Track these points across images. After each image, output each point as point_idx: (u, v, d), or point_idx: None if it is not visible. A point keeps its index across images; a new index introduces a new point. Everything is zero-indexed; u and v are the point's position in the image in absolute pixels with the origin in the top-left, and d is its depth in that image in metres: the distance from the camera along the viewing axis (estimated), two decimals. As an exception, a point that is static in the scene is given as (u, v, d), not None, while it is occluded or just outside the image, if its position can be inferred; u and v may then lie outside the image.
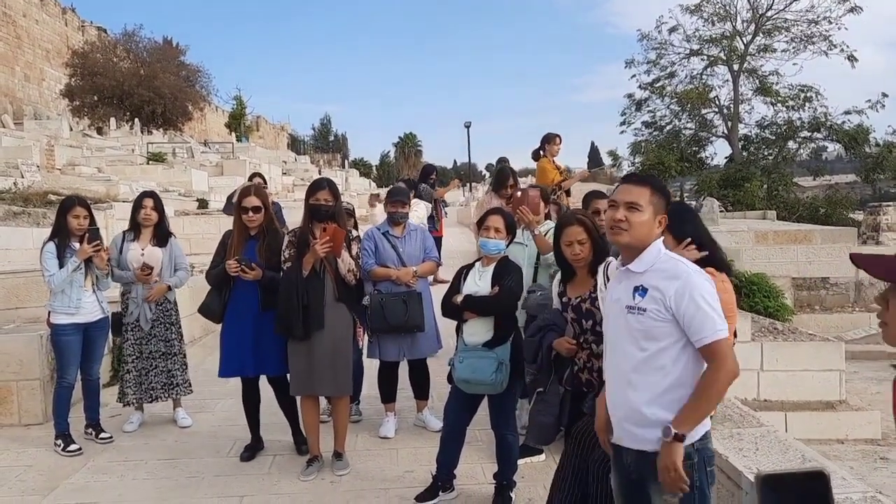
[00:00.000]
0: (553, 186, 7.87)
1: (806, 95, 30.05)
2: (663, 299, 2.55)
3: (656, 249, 2.66)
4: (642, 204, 2.65)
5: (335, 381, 4.87)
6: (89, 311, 5.60)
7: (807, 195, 30.00)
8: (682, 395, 2.56)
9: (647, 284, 2.60)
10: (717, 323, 2.51)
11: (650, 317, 2.57)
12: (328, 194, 4.88)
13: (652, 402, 2.58)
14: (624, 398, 2.68)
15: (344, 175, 43.28)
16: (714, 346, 2.50)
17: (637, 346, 2.62)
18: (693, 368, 2.58)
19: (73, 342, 5.55)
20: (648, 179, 2.78)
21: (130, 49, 42.11)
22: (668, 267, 2.61)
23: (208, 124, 59.30)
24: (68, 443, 5.48)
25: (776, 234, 14.04)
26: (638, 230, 2.64)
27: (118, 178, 19.14)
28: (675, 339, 2.57)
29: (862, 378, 9.15)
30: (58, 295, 5.49)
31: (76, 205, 5.59)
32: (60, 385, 5.59)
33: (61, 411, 5.57)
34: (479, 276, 4.43)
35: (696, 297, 2.51)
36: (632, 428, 2.66)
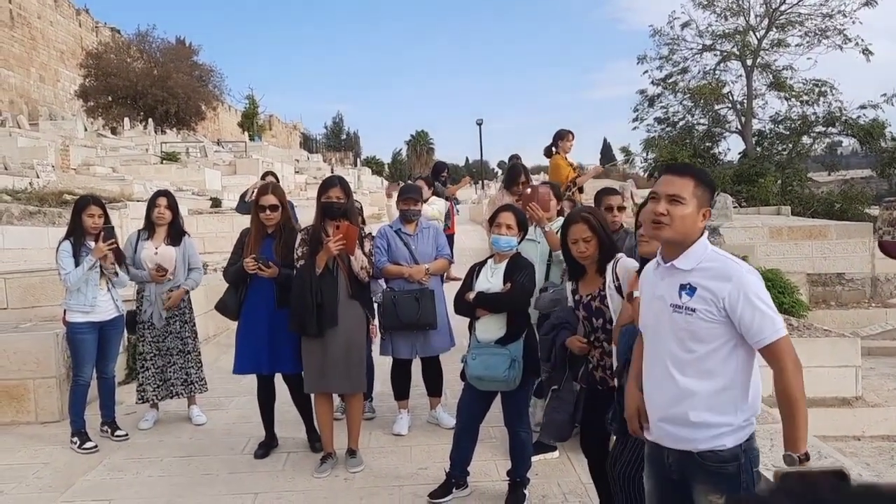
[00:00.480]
0: (568, 183, 7.85)
1: (820, 90, 29.82)
2: (715, 301, 2.44)
3: (702, 245, 2.54)
4: (685, 196, 2.51)
5: (349, 379, 4.89)
6: (104, 309, 5.63)
7: (822, 190, 29.77)
8: (732, 396, 2.48)
9: (695, 283, 2.48)
10: (775, 322, 2.42)
11: (700, 317, 2.46)
12: (340, 192, 4.89)
13: (699, 407, 2.49)
14: (666, 400, 2.58)
15: (356, 173, 43.37)
16: (775, 346, 2.41)
17: (683, 346, 2.51)
18: (743, 369, 2.49)
19: (89, 340, 5.59)
20: (692, 170, 2.64)
21: (144, 49, 42.38)
22: (717, 265, 2.48)
23: (221, 124, 59.60)
24: (84, 440, 5.53)
25: (791, 230, 13.94)
26: (680, 224, 2.51)
27: (132, 178, 19.27)
28: (725, 341, 2.47)
29: (879, 374, 9.08)
30: (73, 293, 5.53)
31: (90, 204, 5.63)
32: (76, 383, 5.63)
33: (77, 409, 5.61)
34: (491, 273, 4.43)
35: (751, 298, 2.41)
36: (675, 429, 2.56)
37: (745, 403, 2.51)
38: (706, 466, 2.50)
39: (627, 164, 35.15)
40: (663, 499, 2.69)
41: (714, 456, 2.49)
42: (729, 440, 2.49)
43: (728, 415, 2.49)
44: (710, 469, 2.50)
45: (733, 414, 2.49)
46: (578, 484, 4.63)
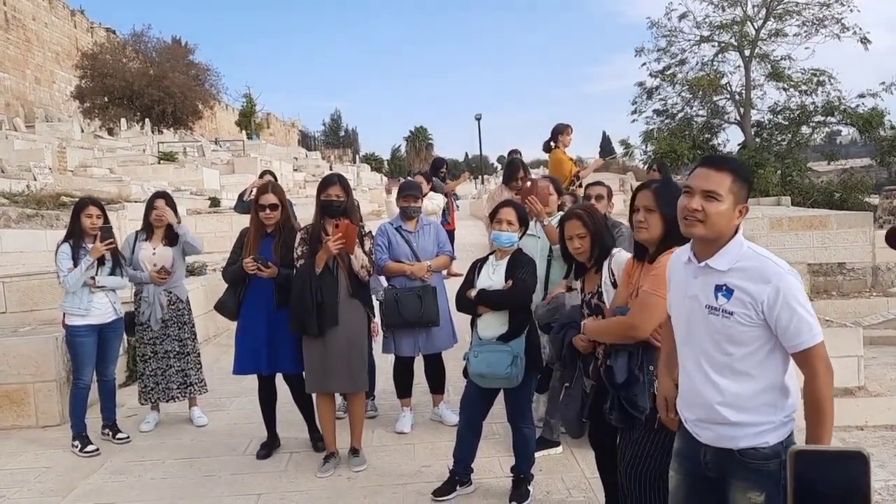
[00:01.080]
0: (571, 177, 7.84)
1: (819, 80, 29.78)
2: (754, 304, 2.35)
3: (738, 243, 2.43)
4: (722, 193, 2.40)
5: (350, 378, 4.86)
6: (102, 312, 5.60)
7: (821, 180, 29.78)
8: (772, 397, 2.43)
9: (731, 285, 2.40)
10: (813, 327, 2.34)
11: (737, 321, 2.38)
12: (339, 190, 4.86)
13: (737, 408, 2.44)
14: (703, 400, 2.52)
15: (355, 170, 43.31)
16: (810, 351, 2.34)
17: (720, 349, 2.45)
18: (780, 370, 2.44)
19: (88, 343, 5.56)
20: (730, 163, 2.49)
21: (139, 49, 42.31)
22: (755, 266, 2.39)
23: (219, 123, 59.50)
24: (85, 444, 5.50)
25: (791, 220, 13.90)
26: (715, 222, 2.40)
27: (130, 179, 19.24)
28: (762, 343, 2.40)
29: (881, 363, 9.06)
30: (69, 296, 5.51)
31: (89, 205, 5.62)
32: (76, 386, 5.61)
33: (78, 412, 5.58)
34: (492, 270, 4.40)
35: (790, 303, 2.32)
36: (714, 428, 2.51)
37: (784, 401, 2.46)
38: (746, 464, 2.45)
39: (627, 156, 35.13)
40: (694, 495, 2.63)
41: (755, 453, 2.44)
42: (772, 437, 2.44)
43: (768, 414, 2.44)
44: (751, 467, 2.44)
45: (773, 413, 2.45)
46: (582, 479, 4.61)
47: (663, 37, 32.58)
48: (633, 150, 33.86)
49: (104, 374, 5.77)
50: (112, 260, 5.63)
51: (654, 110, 33.54)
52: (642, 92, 33.65)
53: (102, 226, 5.53)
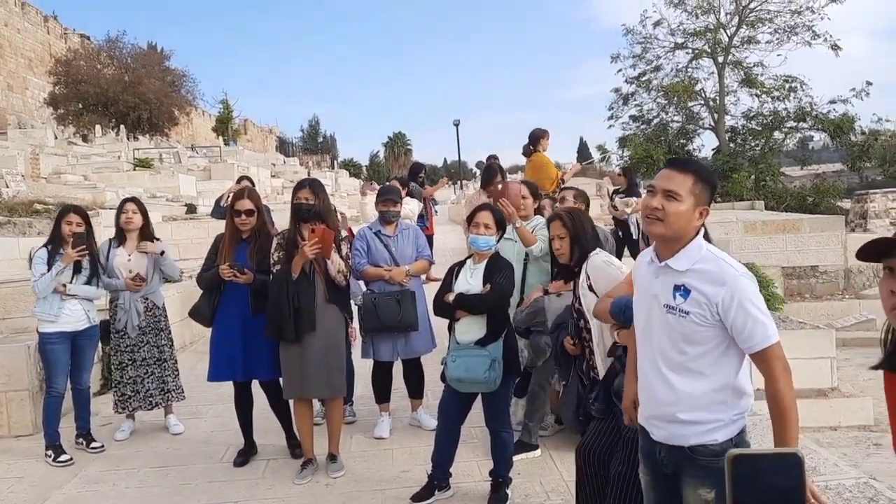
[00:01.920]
0: (558, 181, 7.94)
1: (791, 86, 30.16)
2: (709, 305, 2.40)
3: (698, 245, 2.48)
4: (682, 193, 2.44)
5: (328, 383, 4.84)
6: (75, 319, 5.53)
7: (794, 185, 30.14)
8: (724, 396, 2.47)
9: (689, 285, 2.44)
10: (767, 328, 2.37)
11: (693, 321, 2.43)
12: (309, 193, 4.84)
13: (690, 407, 2.48)
14: (657, 398, 2.56)
15: (334, 176, 43.20)
16: (765, 352, 2.38)
17: (675, 347, 2.49)
18: (733, 370, 2.47)
19: (60, 351, 5.48)
20: (693, 166, 2.55)
21: (114, 55, 41.95)
22: (711, 268, 2.43)
23: (195, 129, 59.11)
24: (59, 453, 5.43)
25: (765, 224, 14.07)
26: (674, 221, 2.45)
27: (104, 186, 19.06)
28: (717, 343, 2.44)
29: (853, 365, 9.18)
30: (40, 301, 5.45)
31: (70, 212, 5.58)
32: (49, 395, 5.53)
33: (51, 421, 5.51)
34: (470, 274, 4.41)
35: (745, 305, 2.37)
36: (666, 426, 2.55)
37: (737, 401, 2.50)
38: (696, 461, 2.49)
39: (604, 161, 35.35)
40: (659, 492, 2.67)
41: (705, 450, 2.48)
42: (720, 435, 2.48)
43: (719, 412, 2.48)
44: (701, 463, 2.48)
45: (723, 412, 2.48)
46: (561, 482, 4.61)
47: (638, 43, 32.90)
48: (610, 156, 34.12)
49: (78, 382, 5.70)
50: (90, 269, 5.57)
51: (630, 116, 33.83)
52: (618, 98, 33.93)
53: (75, 231, 5.47)
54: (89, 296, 5.62)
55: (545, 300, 4.87)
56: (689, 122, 33.09)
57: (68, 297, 5.47)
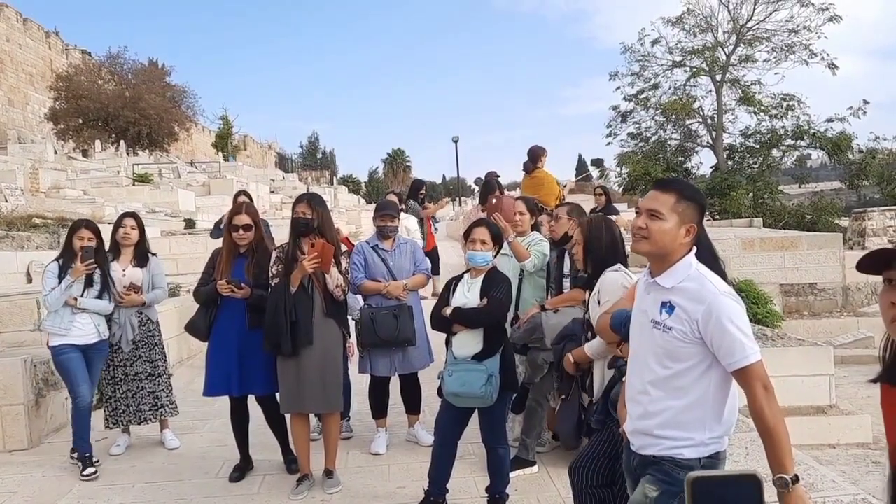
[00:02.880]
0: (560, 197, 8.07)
1: (788, 104, 30.36)
2: (690, 322, 2.45)
3: (686, 264, 2.53)
4: (664, 212, 2.52)
5: (325, 398, 4.83)
6: (85, 332, 5.47)
7: (792, 202, 30.23)
8: (701, 414, 2.49)
9: (674, 302, 2.50)
10: (745, 347, 2.40)
11: (675, 336, 2.48)
12: (306, 207, 4.85)
13: (665, 423, 2.52)
14: (638, 412, 2.62)
15: (333, 192, 43.23)
16: (744, 371, 2.41)
17: (660, 363, 2.54)
18: (717, 388, 2.50)
19: (75, 359, 5.41)
20: (677, 185, 2.61)
21: (115, 71, 42.04)
22: (694, 287, 2.48)
23: (195, 144, 59.23)
24: (86, 466, 5.34)
25: (763, 242, 14.08)
26: (658, 239, 2.52)
27: (104, 200, 19.07)
28: (699, 360, 2.48)
29: (852, 382, 9.15)
30: (51, 315, 5.42)
31: (82, 227, 5.55)
32: (76, 406, 5.44)
33: (81, 432, 5.41)
34: (467, 289, 4.41)
35: (723, 322, 2.40)
36: (641, 437, 2.61)
37: (715, 422, 2.52)
38: (659, 465, 2.54)
39: (602, 178, 35.46)
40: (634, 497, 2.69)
41: (671, 462, 2.52)
42: (689, 452, 2.51)
43: (693, 431, 2.51)
44: (661, 468, 2.53)
45: (700, 431, 2.51)
46: (558, 498, 4.59)
47: (636, 61, 33.15)
48: (608, 172, 34.25)
49: None
50: (101, 283, 5.54)
51: (628, 133, 34.05)
52: (616, 115, 34.14)
53: (83, 245, 5.45)
54: (99, 310, 5.56)
55: (542, 316, 4.87)
56: (687, 140, 33.24)
57: (79, 310, 5.44)
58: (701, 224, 2.61)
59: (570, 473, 3.48)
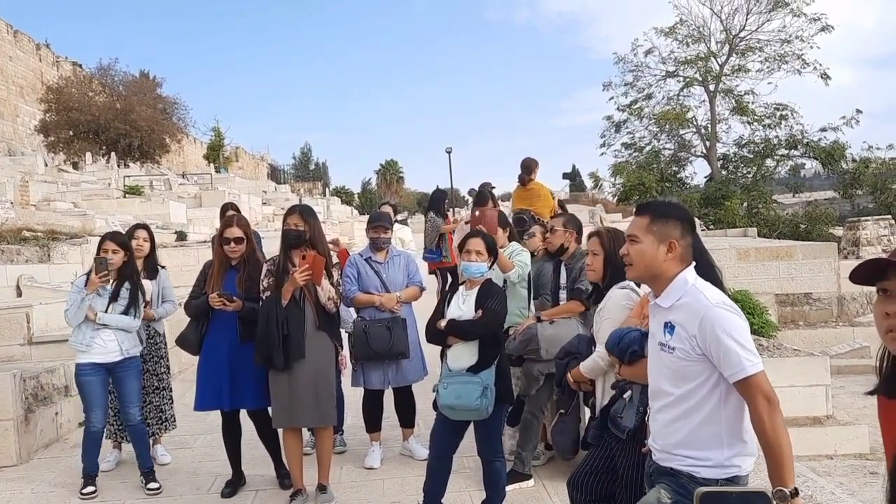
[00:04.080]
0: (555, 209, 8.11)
1: (782, 114, 30.56)
2: (689, 339, 2.45)
3: (682, 281, 2.54)
4: (639, 234, 2.58)
5: (318, 412, 4.77)
6: (107, 350, 5.23)
7: (786, 212, 30.29)
8: (715, 432, 2.48)
9: (674, 321, 2.51)
10: (742, 358, 2.38)
11: (678, 356, 2.48)
12: (298, 218, 4.81)
13: (681, 444, 2.52)
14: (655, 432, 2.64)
15: (325, 203, 43.21)
16: (744, 382, 2.39)
17: (671, 384, 2.54)
18: (729, 405, 2.48)
19: (93, 383, 5.22)
20: (650, 207, 2.68)
21: (106, 83, 42.01)
22: (690, 302, 2.49)
23: (186, 156, 59.12)
24: (86, 484, 5.21)
25: (758, 251, 14.07)
26: (638, 261, 2.58)
27: (94, 213, 18.96)
28: (707, 377, 2.47)
29: (848, 393, 9.13)
30: (75, 330, 5.27)
31: (107, 239, 5.37)
32: (86, 429, 5.29)
33: (88, 455, 5.25)
34: (462, 300, 4.36)
35: (717, 334, 2.40)
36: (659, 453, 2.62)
37: (734, 439, 2.49)
38: (675, 477, 2.53)
39: (596, 189, 35.54)
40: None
41: (689, 477, 2.50)
42: (705, 472, 2.49)
43: (710, 450, 2.48)
44: (678, 480, 2.52)
45: (718, 450, 2.48)
46: (555, 513, 4.53)
47: (630, 72, 33.35)
48: (603, 183, 34.33)
49: (127, 418, 5.38)
50: (128, 298, 5.29)
51: (622, 143, 34.17)
52: (610, 125, 34.28)
53: (98, 257, 5.26)
54: (121, 325, 5.26)
55: (538, 327, 4.82)
56: (681, 150, 33.38)
57: (100, 326, 5.22)
58: (687, 237, 2.61)
59: (569, 487, 3.43)
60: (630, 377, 3.12)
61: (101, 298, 5.23)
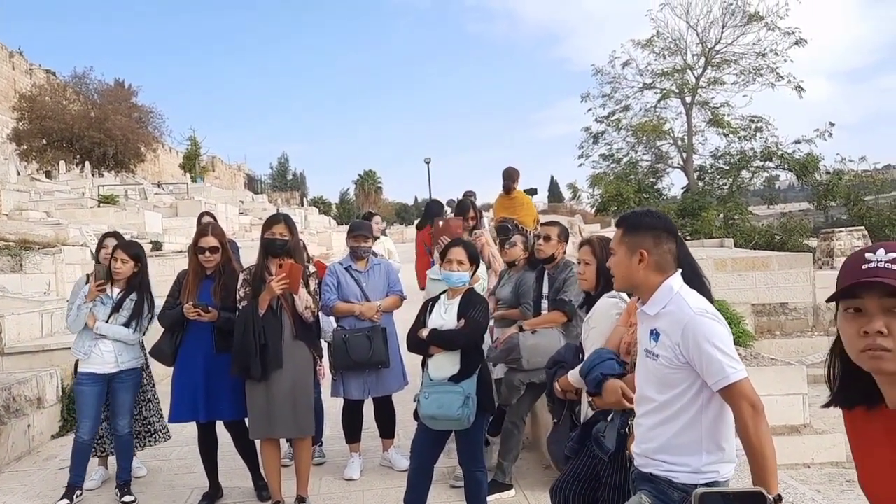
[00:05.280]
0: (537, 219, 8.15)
1: (757, 126, 30.86)
2: (673, 346, 2.48)
3: (667, 289, 2.56)
4: (614, 247, 2.68)
5: (296, 423, 4.71)
6: (103, 360, 5.13)
7: (762, 223, 30.59)
8: (694, 438, 2.50)
9: (659, 329, 2.54)
10: (724, 366, 2.40)
11: (663, 363, 2.51)
12: (284, 228, 4.76)
13: (661, 450, 2.55)
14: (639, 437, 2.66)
15: (303, 213, 43.03)
16: (728, 390, 2.40)
17: (655, 390, 2.57)
18: (710, 412, 2.50)
19: (87, 394, 5.13)
20: (622, 220, 2.75)
21: (80, 91, 41.51)
22: (674, 309, 2.51)
23: (162, 165, 58.59)
24: (65, 496, 5.09)
25: (734, 261, 14.17)
26: (616, 273, 2.67)
27: (68, 222, 18.72)
28: (690, 384, 2.50)
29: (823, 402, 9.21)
30: (77, 337, 5.19)
31: (118, 248, 5.24)
32: (74, 439, 5.19)
33: (74, 467, 5.15)
34: (444, 310, 4.33)
35: (700, 342, 2.43)
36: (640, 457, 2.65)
37: (713, 446, 2.52)
38: (655, 483, 2.56)
39: (575, 199, 35.71)
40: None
41: (668, 483, 2.53)
42: (682, 477, 2.51)
43: (688, 456, 2.51)
44: (658, 486, 2.55)
45: (696, 455, 2.51)
46: (537, 524, 4.50)
47: (608, 83, 33.49)
48: (581, 194, 34.49)
49: (115, 429, 5.29)
50: (132, 310, 5.18)
51: (600, 154, 34.28)
52: (588, 137, 34.40)
53: (97, 264, 5.17)
54: (119, 337, 5.14)
55: (520, 337, 4.80)
56: (658, 161, 33.62)
57: (98, 336, 5.12)
58: (664, 245, 2.61)
59: (552, 495, 3.41)
60: (602, 406, 3.11)
61: (104, 307, 5.14)
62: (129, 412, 5.31)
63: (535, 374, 4.75)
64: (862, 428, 1.53)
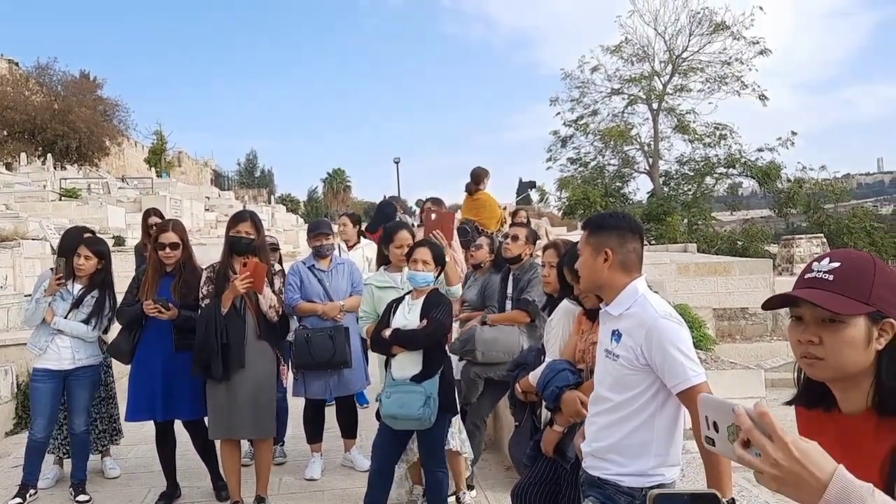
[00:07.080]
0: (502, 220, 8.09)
1: (721, 133, 31.27)
2: (634, 348, 2.49)
3: (632, 291, 2.57)
4: (581, 248, 2.69)
5: (257, 424, 4.66)
6: (59, 357, 5.03)
7: (725, 229, 31.06)
8: (645, 440, 2.52)
9: (621, 329, 2.54)
10: (687, 370, 2.43)
11: (622, 364, 2.51)
12: (250, 226, 4.70)
13: (611, 449, 2.56)
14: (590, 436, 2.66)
15: (270, 211, 42.63)
16: (687, 393, 2.42)
17: (611, 390, 2.57)
18: (664, 415, 2.53)
19: (41, 391, 5.01)
20: (588, 222, 2.77)
21: (44, 82, 40.74)
22: (638, 311, 2.53)
23: (126, 160, 57.63)
24: (17, 494, 4.98)
25: (697, 266, 14.38)
26: (582, 273, 2.67)
27: (28, 216, 18.36)
28: (647, 387, 2.51)
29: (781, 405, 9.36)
30: (34, 332, 5.07)
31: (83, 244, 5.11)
32: (28, 437, 5.08)
33: (27, 465, 5.04)
34: (408, 310, 4.32)
35: (663, 345, 2.44)
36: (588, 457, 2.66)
37: (662, 450, 2.55)
38: (601, 484, 2.59)
39: (542, 202, 35.85)
40: None
41: (615, 487, 2.56)
42: (628, 480, 2.54)
43: (637, 459, 2.53)
44: (605, 491, 2.57)
45: (644, 458, 2.53)
46: (497, 525, 4.51)
47: (576, 88, 33.69)
48: (548, 197, 34.65)
49: (70, 427, 5.18)
50: (92, 307, 5.08)
51: (567, 158, 34.48)
52: (557, 140, 34.58)
53: (57, 258, 5.05)
54: (77, 333, 5.05)
55: (477, 329, 4.82)
56: (625, 166, 33.89)
57: (56, 331, 5.01)
58: (629, 245, 2.61)
59: (513, 498, 3.42)
60: (564, 424, 3.14)
61: (64, 302, 5.04)
62: (86, 410, 5.21)
63: (491, 368, 4.78)
64: (817, 429, 1.57)
